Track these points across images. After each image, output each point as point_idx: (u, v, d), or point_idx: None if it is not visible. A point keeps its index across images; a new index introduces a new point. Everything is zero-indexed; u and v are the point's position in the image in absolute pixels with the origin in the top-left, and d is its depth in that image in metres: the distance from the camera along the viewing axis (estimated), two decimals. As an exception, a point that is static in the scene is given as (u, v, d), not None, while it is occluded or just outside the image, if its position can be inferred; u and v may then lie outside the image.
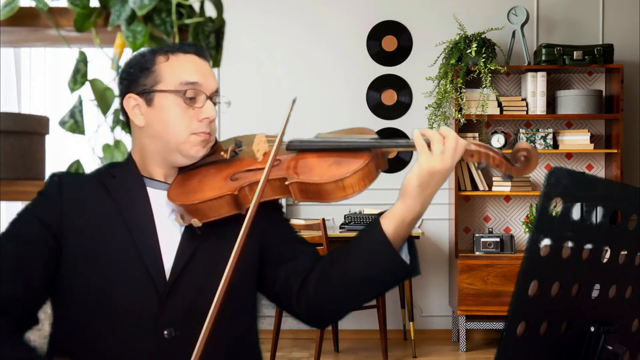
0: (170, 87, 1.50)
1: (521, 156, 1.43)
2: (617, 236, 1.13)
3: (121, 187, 1.52)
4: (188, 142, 1.51)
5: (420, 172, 1.42)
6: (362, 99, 5.61)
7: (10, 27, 1.67)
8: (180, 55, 1.53)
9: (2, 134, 1.68)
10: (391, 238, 1.44)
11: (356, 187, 1.45)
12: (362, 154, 1.48)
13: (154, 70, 1.51)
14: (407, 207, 1.44)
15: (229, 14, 1.81)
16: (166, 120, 1.50)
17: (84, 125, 1.74)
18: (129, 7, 1.59)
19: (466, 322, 5.11)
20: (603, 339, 1.13)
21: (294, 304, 1.54)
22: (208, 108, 1.51)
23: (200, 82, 1.51)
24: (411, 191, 1.43)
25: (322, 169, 1.47)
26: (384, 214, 1.47)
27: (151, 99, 1.51)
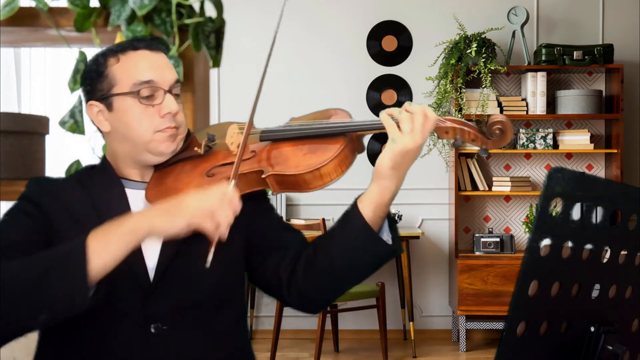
0: (125, 89, 1.47)
1: (496, 129, 1.41)
2: (617, 236, 1.13)
3: (99, 189, 1.51)
4: (154, 140, 1.48)
5: (393, 152, 1.42)
6: (362, 99, 5.61)
7: (10, 27, 1.67)
8: (130, 53, 1.49)
9: (2, 134, 1.68)
10: (370, 220, 1.44)
11: (333, 174, 1.44)
12: (336, 139, 1.46)
13: (107, 74, 1.48)
14: (383, 188, 1.43)
15: (229, 14, 1.81)
16: (128, 123, 1.47)
17: (84, 125, 1.74)
18: (129, 7, 1.59)
19: (466, 322, 5.11)
20: (603, 339, 1.13)
21: (285, 293, 1.54)
22: (168, 102, 1.48)
23: (155, 78, 1.47)
24: (385, 173, 1.43)
25: (297, 158, 1.45)
26: (360, 197, 1.46)
27: (110, 104, 1.48)
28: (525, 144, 5.29)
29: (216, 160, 1.52)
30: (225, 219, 1.31)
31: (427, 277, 5.58)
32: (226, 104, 5.49)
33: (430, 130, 1.42)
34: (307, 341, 5.31)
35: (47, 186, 1.50)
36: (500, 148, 1.39)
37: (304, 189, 1.45)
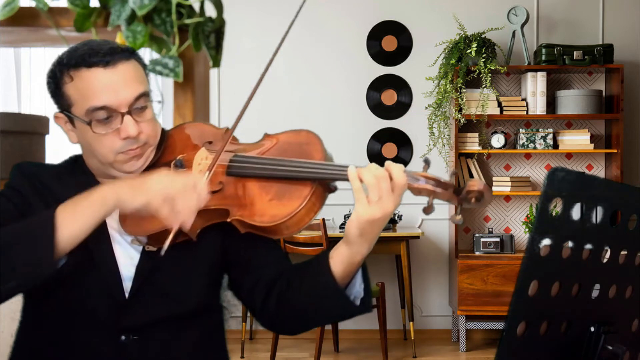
0: (80, 113, 1.41)
1: (471, 197, 1.32)
2: (617, 236, 1.13)
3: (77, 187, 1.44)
4: (117, 160, 1.44)
5: (359, 222, 1.35)
6: (362, 99, 5.61)
7: (10, 27, 1.67)
8: (83, 72, 1.39)
9: (2, 134, 1.68)
10: (340, 277, 1.41)
11: (301, 223, 1.38)
12: (304, 183, 1.39)
13: (63, 92, 1.42)
14: (353, 252, 1.39)
15: (229, 14, 1.81)
16: (89, 143, 1.43)
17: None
18: (129, 7, 1.59)
19: (466, 322, 5.11)
20: (603, 339, 1.13)
21: (258, 314, 1.53)
22: (126, 126, 1.39)
23: (110, 102, 1.38)
24: (354, 239, 1.37)
25: (262, 205, 1.40)
26: (331, 253, 1.42)
27: (72, 120, 1.44)
28: (525, 144, 5.29)
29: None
30: (187, 208, 1.29)
31: (427, 277, 5.58)
32: (226, 104, 5.49)
33: (400, 196, 1.36)
34: (307, 341, 5.31)
35: (28, 175, 1.48)
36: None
37: (272, 237, 1.42)
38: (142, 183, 1.31)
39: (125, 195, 1.30)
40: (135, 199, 1.29)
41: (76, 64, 1.40)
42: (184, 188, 1.29)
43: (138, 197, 1.29)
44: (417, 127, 5.56)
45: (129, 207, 1.31)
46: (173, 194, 1.28)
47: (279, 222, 1.37)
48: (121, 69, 1.41)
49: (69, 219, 1.29)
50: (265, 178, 1.42)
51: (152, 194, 1.29)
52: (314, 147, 1.45)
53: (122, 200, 1.30)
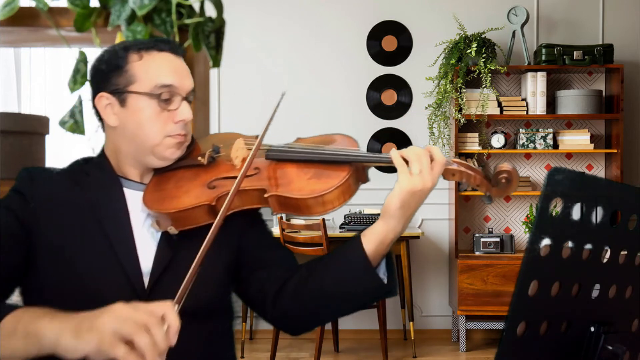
0: (145, 89, 1.44)
1: (502, 178, 1.42)
2: (617, 236, 1.13)
3: (96, 185, 1.47)
4: (162, 144, 1.46)
5: (401, 192, 1.40)
6: (362, 99, 5.61)
7: (10, 27, 1.67)
8: (154, 53, 1.46)
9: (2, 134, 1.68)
10: (371, 257, 1.42)
11: (336, 202, 1.42)
12: (342, 167, 1.45)
13: (126, 70, 1.44)
14: (389, 227, 1.42)
15: (229, 14, 1.81)
16: (140, 122, 1.44)
17: (84, 125, 1.74)
18: (129, 7, 1.59)
19: (466, 322, 5.11)
20: (603, 339, 1.13)
21: (268, 309, 1.51)
22: (184, 110, 1.46)
23: (176, 84, 1.45)
24: (393, 212, 1.41)
25: (301, 182, 1.44)
26: (364, 232, 1.45)
27: (124, 99, 1.45)
28: (525, 144, 5.29)
29: (218, 172, 1.49)
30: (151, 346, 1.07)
31: (427, 277, 5.58)
32: (226, 104, 5.49)
33: (439, 174, 1.42)
34: (307, 341, 5.31)
35: (40, 181, 1.46)
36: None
37: (305, 214, 1.44)
38: (93, 320, 1.09)
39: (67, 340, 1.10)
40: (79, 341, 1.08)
41: (147, 47, 1.46)
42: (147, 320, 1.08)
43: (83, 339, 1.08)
44: (417, 127, 5.56)
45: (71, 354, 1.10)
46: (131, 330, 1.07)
47: (316, 196, 1.41)
48: (183, 62, 1.50)
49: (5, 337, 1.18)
50: (304, 162, 1.48)
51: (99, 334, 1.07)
52: (349, 141, 1.55)
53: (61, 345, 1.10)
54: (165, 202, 1.44)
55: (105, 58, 1.47)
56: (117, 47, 1.47)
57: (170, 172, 1.51)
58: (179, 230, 1.44)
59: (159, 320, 1.10)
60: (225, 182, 1.46)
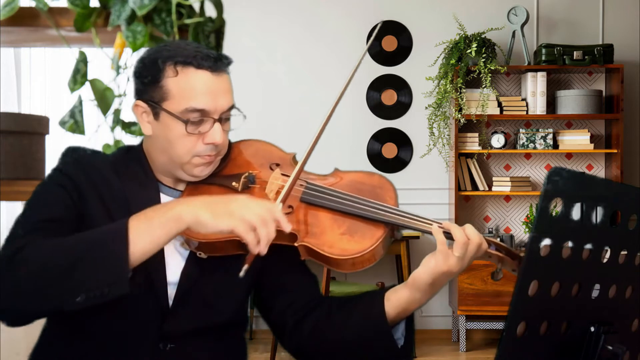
0: (175, 110, 1.41)
1: None
2: (617, 236, 1.13)
3: (134, 180, 1.46)
4: (191, 163, 1.44)
5: (436, 271, 1.38)
6: (362, 99, 5.61)
7: (10, 27, 1.67)
8: (190, 71, 1.41)
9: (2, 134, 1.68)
10: (391, 321, 1.43)
11: (366, 263, 1.40)
12: (377, 225, 1.41)
13: (161, 85, 1.42)
14: (414, 300, 1.41)
15: (229, 14, 1.81)
16: (169, 140, 1.43)
17: (84, 125, 1.74)
18: (129, 7, 1.59)
19: (466, 322, 5.11)
20: (603, 339, 1.13)
21: (286, 338, 1.53)
22: (214, 133, 1.42)
23: (208, 107, 1.41)
24: (422, 287, 1.40)
25: (333, 236, 1.40)
26: (389, 293, 1.44)
27: (157, 113, 1.44)
28: (525, 144, 5.29)
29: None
30: (267, 236, 1.27)
31: (427, 277, 5.58)
32: (226, 104, 5.49)
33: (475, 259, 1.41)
34: (307, 341, 5.31)
35: (85, 165, 1.45)
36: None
37: (333, 268, 1.42)
38: (225, 205, 1.27)
39: (204, 217, 1.25)
40: (218, 224, 1.25)
41: (185, 62, 1.41)
42: (267, 216, 1.27)
43: (222, 222, 1.25)
44: (417, 127, 5.55)
45: (208, 229, 1.26)
46: (255, 221, 1.26)
47: (347, 257, 1.38)
48: (224, 78, 1.45)
49: (142, 235, 1.26)
50: (339, 212, 1.43)
51: (237, 219, 1.25)
52: (388, 193, 1.48)
53: (200, 222, 1.26)
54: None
55: (146, 63, 1.44)
56: (159, 56, 1.43)
57: (205, 185, 1.49)
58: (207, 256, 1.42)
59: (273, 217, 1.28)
60: None
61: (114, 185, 1.44)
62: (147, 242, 1.26)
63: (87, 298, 1.24)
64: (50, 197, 1.40)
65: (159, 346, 1.43)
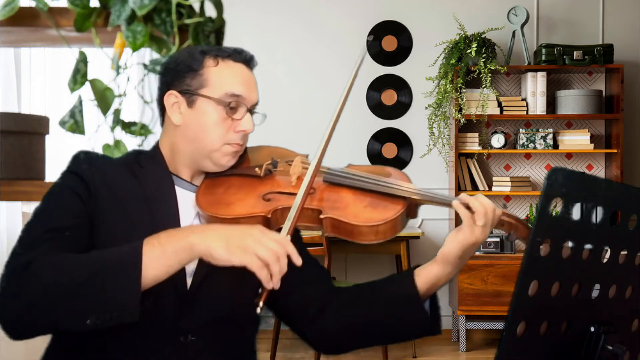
0: (215, 94, 1.49)
1: None
2: (617, 236, 1.13)
3: (150, 179, 1.49)
4: (220, 151, 1.50)
5: (465, 244, 1.46)
6: (362, 99, 5.61)
7: (10, 27, 1.67)
8: (230, 62, 1.53)
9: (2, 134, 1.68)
10: (421, 295, 1.49)
11: (388, 233, 1.45)
12: (397, 201, 1.47)
13: (201, 73, 1.50)
14: (445, 272, 1.50)
15: (229, 14, 1.81)
16: (204, 125, 1.49)
17: (84, 125, 1.74)
18: (129, 7, 1.59)
19: (466, 322, 5.11)
20: (603, 339, 1.13)
21: (307, 328, 1.55)
22: (246, 121, 1.51)
23: (245, 95, 1.51)
24: (453, 261, 1.48)
25: (357, 209, 1.46)
26: (418, 270, 1.50)
27: (193, 101, 1.49)
28: (525, 144, 5.29)
29: (274, 186, 1.51)
30: (280, 272, 1.29)
31: (427, 277, 5.58)
32: (226, 104, 5.50)
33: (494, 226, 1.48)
34: (307, 341, 5.31)
35: (99, 166, 1.47)
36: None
37: (355, 239, 1.46)
38: (239, 239, 1.28)
39: (219, 251, 1.27)
40: (231, 258, 1.27)
41: (224, 54, 1.53)
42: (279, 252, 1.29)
43: (235, 256, 1.27)
44: (417, 127, 5.55)
45: (222, 262, 1.28)
46: (269, 258, 1.28)
47: (372, 225, 1.43)
48: (253, 75, 1.59)
49: (155, 260, 1.28)
50: (361, 189, 1.50)
51: (251, 255, 1.27)
52: (403, 178, 1.56)
53: (213, 255, 1.28)
54: (220, 207, 1.45)
55: (181, 58, 1.51)
56: (194, 50, 1.52)
57: (223, 177, 1.54)
58: None
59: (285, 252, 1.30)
60: (280, 196, 1.48)
61: (128, 183, 1.47)
62: (158, 270, 1.29)
63: (95, 322, 1.25)
64: (60, 203, 1.41)
65: (180, 339, 1.43)
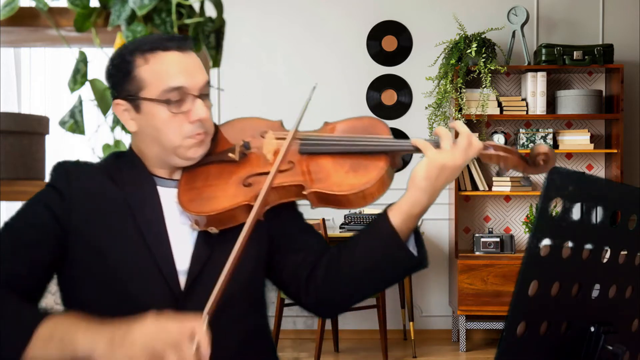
0: (154, 94, 1.41)
1: (540, 160, 1.44)
2: (617, 236, 1.13)
3: (130, 182, 1.47)
4: (182, 146, 1.44)
5: (429, 164, 1.41)
6: (362, 99, 5.61)
7: (10, 27, 1.67)
8: (160, 54, 1.42)
9: (2, 134, 1.68)
10: (398, 230, 1.43)
11: (376, 194, 1.43)
12: (378, 157, 1.44)
13: (134, 76, 1.42)
14: (414, 199, 1.43)
15: (229, 14, 1.81)
16: (156, 127, 1.43)
17: (84, 125, 1.74)
18: (129, 7, 1.59)
19: (466, 322, 5.11)
20: (603, 339, 1.13)
21: (302, 293, 1.51)
22: (198, 109, 1.43)
23: (186, 84, 1.42)
24: (418, 183, 1.42)
25: (339, 176, 1.43)
26: (390, 206, 1.45)
27: (138, 105, 1.44)
28: (525, 144, 5.29)
29: (252, 168, 1.48)
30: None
31: (427, 277, 5.58)
32: (226, 104, 5.49)
33: (472, 157, 1.43)
34: (307, 341, 5.31)
35: (77, 176, 1.45)
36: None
37: (346, 207, 1.45)
38: (124, 335, 1.18)
39: (101, 351, 1.18)
40: (113, 354, 1.17)
41: (152, 48, 1.43)
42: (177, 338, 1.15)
43: (117, 353, 1.16)
44: (417, 127, 5.55)
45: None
46: (161, 347, 1.14)
47: (357, 191, 1.41)
48: (192, 55, 1.46)
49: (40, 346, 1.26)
50: (339, 154, 1.46)
51: (135, 348, 1.15)
52: (380, 129, 1.51)
53: (95, 355, 1.19)
54: (202, 203, 1.43)
55: (115, 63, 1.46)
56: (125, 51, 1.45)
57: (201, 167, 1.50)
58: (219, 230, 1.43)
59: (189, 336, 1.15)
60: (260, 178, 1.45)
61: (108, 191, 1.45)
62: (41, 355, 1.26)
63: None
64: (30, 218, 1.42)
65: None
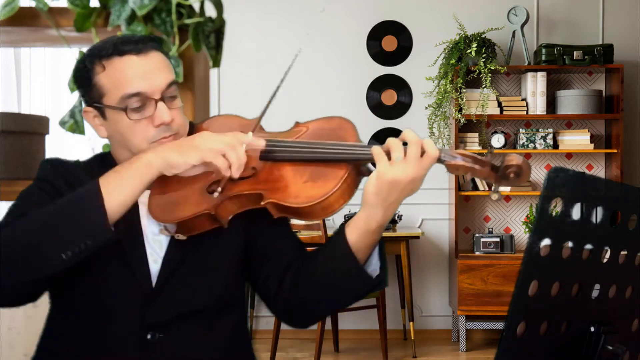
0: (113, 102, 1.40)
1: (511, 173, 1.32)
2: (617, 236, 1.13)
3: None
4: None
5: (378, 179, 1.33)
6: (362, 99, 5.61)
7: (10, 27, 1.67)
8: (115, 60, 1.39)
9: (2, 134, 1.68)
10: (355, 247, 1.38)
11: (336, 205, 1.36)
12: (339, 166, 1.38)
13: (94, 83, 1.41)
14: (367, 215, 1.36)
15: (229, 14, 1.81)
16: (121, 133, 1.42)
17: (84, 125, 1.74)
18: (129, 7, 1.59)
19: (466, 322, 5.11)
20: (603, 339, 1.14)
21: (272, 303, 1.51)
22: (160, 113, 1.39)
23: (144, 89, 1.38)
24: (368, 199, 1.35)
25: (297, 187, 1.38)
26: (348, 222, 1.41)
27: (103, 112, 1.43)
28: (525, 144, 5.29)
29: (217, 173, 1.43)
30: (237, 159, 1.33)
31: (427, 277, 5.58)
32: (226, 104, 5.49)
33: (428, 166, 1.35)
34: (307, 341, 5.31)
35: (60, 170, 1.47)
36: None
37: (308, 219, 1.40)
38: (189, 143, 1.34)
39: (173, 157, 1.32)
40: (186, 157, 1.32)
41: (108, 54, 1.40)
42: (233, 142, 1.35)
43: (189, 155, 1.32)
44: (417, 127, 5.55)
45: (179, 167, 1.33)
46: (223, 148, 1.33)
47: (314, 203, 1.35)
48: (153, 57, 1.42)
49: (115, 188, 1.31)
50: (299, 161, 1.42)
51: (203, 150, 1.32)
52: (347, 132, 1.45)
53: (170, 163, 1.33)
54: (168, 210, 1.41)
55: (77, 72, 1.45)
56: (85, 58, 1.43)
57: None
58: (187, 236, 1.42)
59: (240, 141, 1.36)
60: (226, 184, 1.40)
61: None
62: (121, 192, 1.31)
63: (71, 255, 1.28)
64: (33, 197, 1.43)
65: (146, 337, 1.42)
